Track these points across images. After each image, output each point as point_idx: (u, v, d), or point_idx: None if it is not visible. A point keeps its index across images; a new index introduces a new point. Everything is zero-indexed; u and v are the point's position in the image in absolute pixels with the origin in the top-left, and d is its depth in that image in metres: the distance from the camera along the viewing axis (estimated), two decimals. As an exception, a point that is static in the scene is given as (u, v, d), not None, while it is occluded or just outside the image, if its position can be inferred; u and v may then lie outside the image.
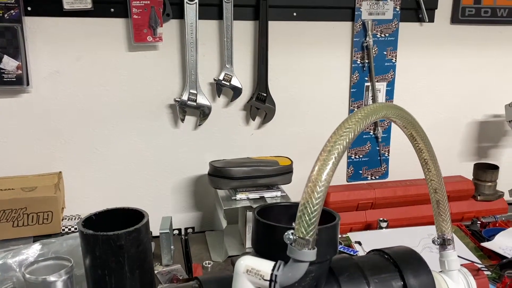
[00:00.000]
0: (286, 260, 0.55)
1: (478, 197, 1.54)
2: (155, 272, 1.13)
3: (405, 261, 0.73)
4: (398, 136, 1.61)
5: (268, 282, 0.53)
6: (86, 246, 0.74)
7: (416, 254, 0.76)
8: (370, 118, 0.61)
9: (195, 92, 1.37)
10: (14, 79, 1.22)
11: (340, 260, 0.71)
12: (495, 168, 1.56)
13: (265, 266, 0.54)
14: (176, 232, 1.42)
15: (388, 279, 0.70)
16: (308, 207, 0.54)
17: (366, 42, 1.49)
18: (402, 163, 1.62)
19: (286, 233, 0.54)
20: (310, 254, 0.53)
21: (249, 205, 1.26)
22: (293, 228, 0.55)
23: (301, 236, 0.53)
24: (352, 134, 0.58)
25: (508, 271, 1.02)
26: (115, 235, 0.72)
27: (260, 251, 0.63)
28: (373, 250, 0.79)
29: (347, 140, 0.57)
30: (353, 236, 1.32)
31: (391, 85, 1.57)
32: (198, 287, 0.62)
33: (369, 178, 1.63)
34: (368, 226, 1.43)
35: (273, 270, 0.53)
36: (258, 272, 0.53)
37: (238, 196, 1.27)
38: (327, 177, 0.55)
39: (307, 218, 0.54)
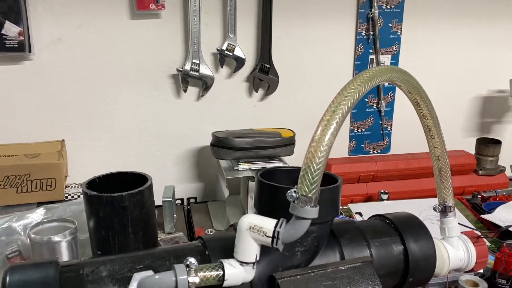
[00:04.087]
0: (288, 219, 0.56)
1: (480, 171, 1.55)
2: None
3: (406, 226, 0.74)
4: (401, 110, 1.60)
5: (270, 239, 0.54)
6: (90, 208, 0.75)
7: (417, 219, 0.77)
8: (375, 80, 0.61)
9: (197, 62, 1.36)
10: (16, 46, 1.21)
11: (341, 223, 0.72)
12: (497, 142, 1.56)
13: (268, 223, 0.54)
14: (178, 202, 1.43)
15: (389, 242, 0.71)
16: (311, 166, 0.54)
17: (371, 14, 1.47)
18: (405, 137, 1.62)
19: (289, 191, 0.54)
20: (312, 212, 0.53)
21: (251, 175, 1.26)
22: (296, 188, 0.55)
23: (304, 194, 0.54)
24: (357, 95, 0.58)
25: (508, 240, 1.03)
26: (119, 197, 0.72)
27: (263, 212, 0.64)
28: (374, 216, 0.79)
29: (352, 101, 0.57)
30: (354, 207, 1.33)
31: (395, 58, 1.55)
32: (201, 245, 0.63)
33: (371, 152, 1.63)
34: (369, 198, 1.44)
35: (275, 227, 0.54)
36: (261, 229, 0.54)
37: (240, 167, 1.27)
38: (331, 137, 0.55)
39: (310, 177, 0.54)
